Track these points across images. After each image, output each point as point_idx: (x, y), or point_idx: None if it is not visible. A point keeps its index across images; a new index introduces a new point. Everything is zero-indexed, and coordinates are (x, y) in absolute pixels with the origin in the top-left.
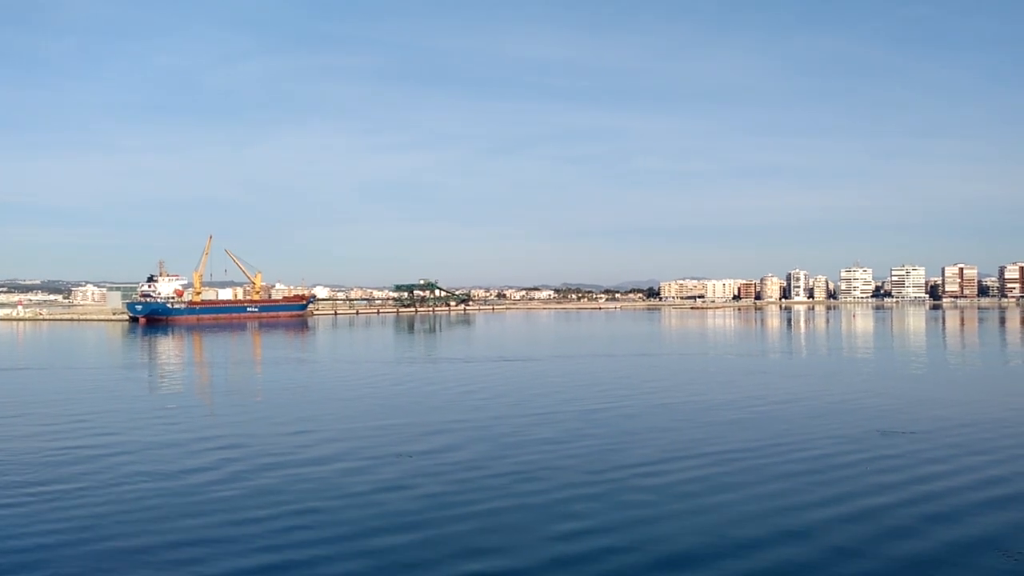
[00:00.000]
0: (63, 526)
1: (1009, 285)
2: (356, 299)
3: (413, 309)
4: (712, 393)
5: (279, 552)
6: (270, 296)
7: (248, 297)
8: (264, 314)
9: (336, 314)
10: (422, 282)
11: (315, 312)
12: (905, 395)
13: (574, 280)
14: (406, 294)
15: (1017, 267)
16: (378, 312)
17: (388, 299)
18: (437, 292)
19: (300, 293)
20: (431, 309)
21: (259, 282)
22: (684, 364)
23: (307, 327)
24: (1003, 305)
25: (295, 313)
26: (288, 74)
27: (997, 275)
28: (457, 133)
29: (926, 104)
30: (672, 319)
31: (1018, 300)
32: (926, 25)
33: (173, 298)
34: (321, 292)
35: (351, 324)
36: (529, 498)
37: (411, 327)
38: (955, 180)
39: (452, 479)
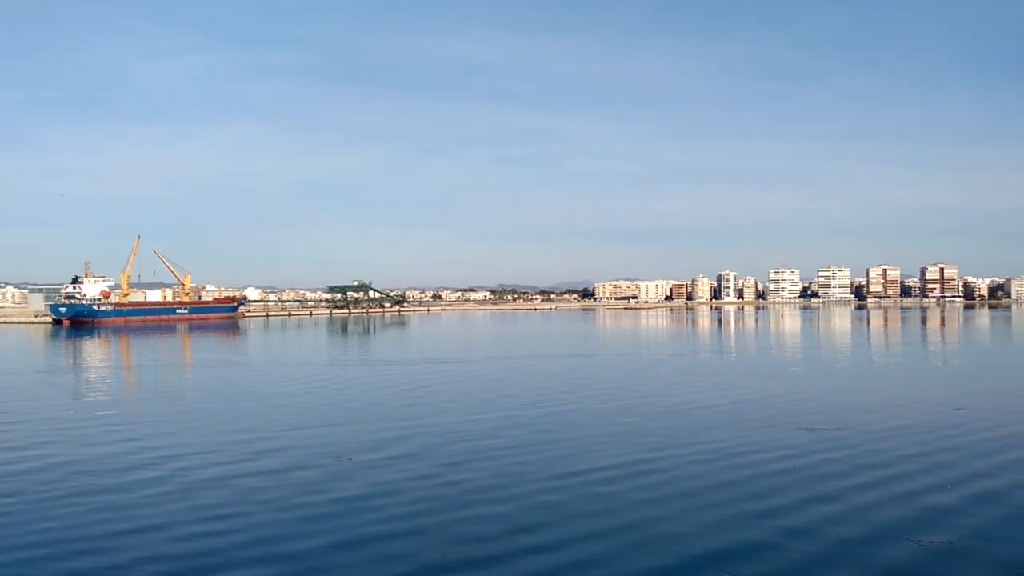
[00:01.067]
0: None
1: (930, 286)
2: (289, 301)
3: (347, 311)
4: (648, 394)
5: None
6: (200, 298)
7: (178, 299)
8: (194, 316)
9: (268, 316)
10: (356, 283)
11: (247, 314)
12: (828, 393)
13: (509, 281)
14: (340, 296)
15: (937, 268)
16: (311, 314)
17: (321, 301)
18: (371, 293)
19: (231, 295)
20: (365, 311)
21: (189, 283)
22: (619, 364)
23: (238, 329)
24: (924, 305)
25: (226, 315)
26: (219, 71)
27: (919, 276)
28: (391, 133)
29: (850, 109)
30: (607, 320)
31: (938, 300)
32: (849, 32)
33: (99, 300)
34: (253, 294)
35: (283, 326)
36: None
37: (345, 329)
38: (879, 184)
39: (384, 481)
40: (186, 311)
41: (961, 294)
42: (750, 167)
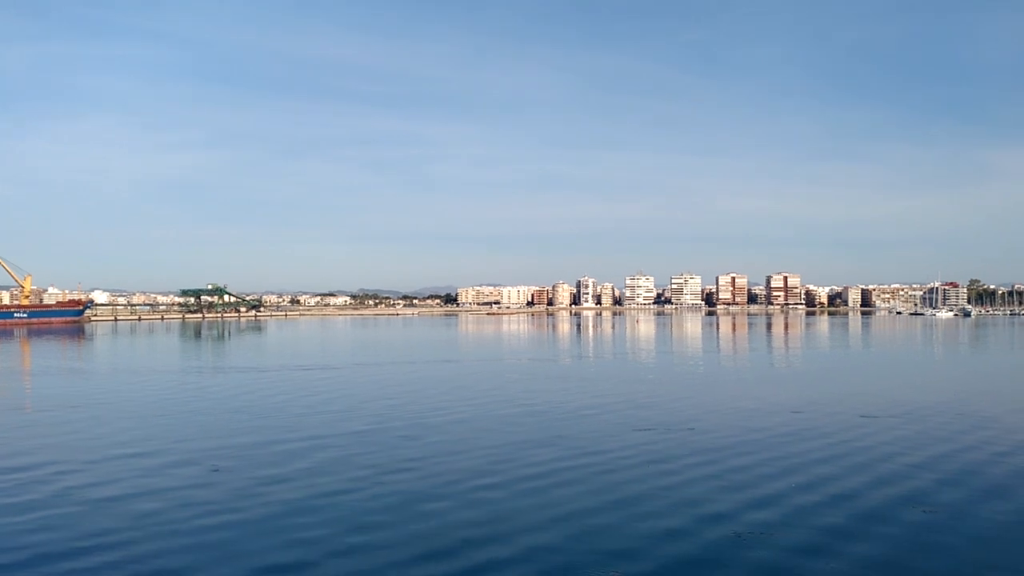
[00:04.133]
0: None
1: (775, 293)
2: (139, 304)
3: (200, 315)
4: (508, 398)
5: None
6: (42, 301)
7: (16, 302)
8: (35, 320)
9: (116, 320)
10: (210, 287)
11: (93, 318)
12: (681, 395)
13: (371, 286)
14: (193, 300)
15: (782, 277)
16: (162, 318)
17: (174, 305)
18: (226, 297)
19: (76, 298)
20: (220, 315)
21: (29, 286)
22: (483, 370)
23: (84, 334)
24: (769, 312)
25: (70, 319)
26: (63, 63)
27: (764, 284)
28: (249, 132)
29: (705, 122)
30: (469, 325)
31: (782, 307)
32: (705, 49)
33: None
34: (100, 297)
35: (133, 331)
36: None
37: (198, 334)
38: (729, 194)
39: (244, 493)
40: (25, 315)
41: (803, 301)
42: (611, 176)
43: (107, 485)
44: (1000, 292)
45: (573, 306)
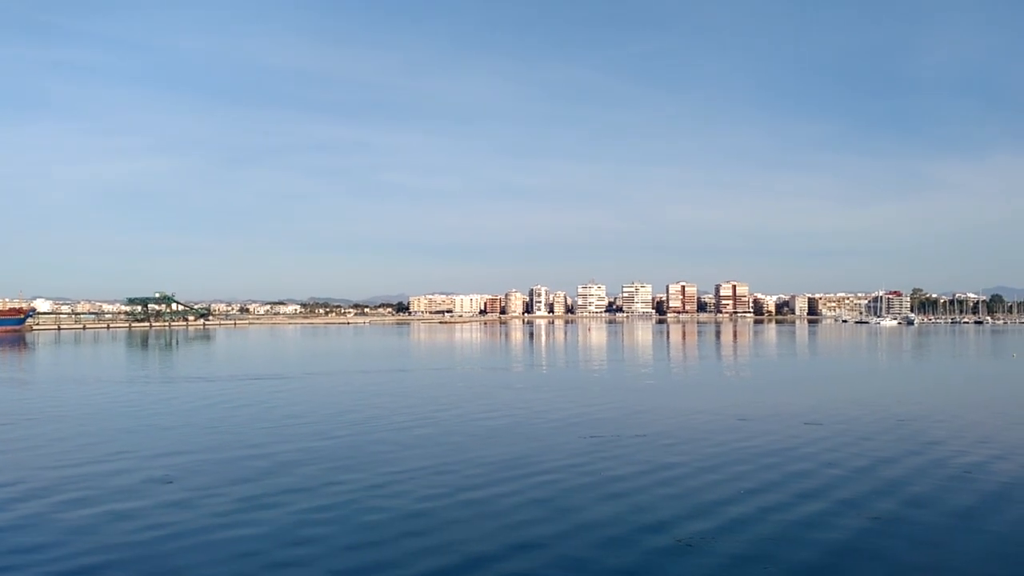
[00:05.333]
0: None
1: (724, 302)
2: (84, 313)
3: (148, 324)
4: (459, 407)
5: None
6: None
7: None
8: None
9: (60, 329)
10: (158, 295)
11: (35, 327)
12: (625, 404)
13: (322, 294)
14: (140, 308)
15: (730, 285)
16: (108, 327)
17: (120, 313)
18: (174, 306)
19: (17, 306)
20: (167, 324)
21: None
22: (435, 379)
23: (25, 343)
24: (719, 320)
25: (10, 328)
26: (6, 66)
27: (714, 293)
28: (197, 139)
29: (655, 132)
30: (422, 333)
31: (731, 315)
32: (656, 60)
33: None
34: (42, 305)
35: (77, 340)
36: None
37: (145, 343)
38: (679, 205)
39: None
40: None
41: (751, 310)
42: (563, 185)
43: (49, 497)
44: (942, 301)
45: (526, 315)
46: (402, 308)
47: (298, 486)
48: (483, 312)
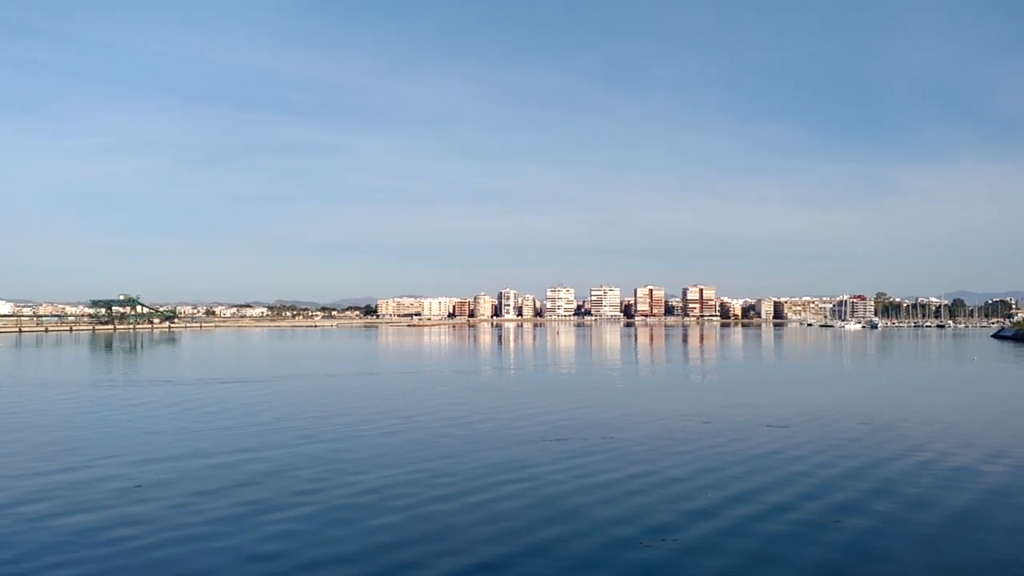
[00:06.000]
0: None
1: (691, 305)
2: (46, 316)
3: (112, 327)
4: (427, 409)
5: None
6: None
7: None
8: None
9: (21, 331)
10: (122, 298)
11: None
12: (591, 408)
13: (289, 297)
14: (104, 311)
15: (697, 289)
16: (71, 330)
17: (83, 316)
18: (139, 309)
19: None
20: (132, 327)
21: None
22: (403, 382)
23: None
24: (686, 323)
25: None
26: None
27: (681, 296)
28: (163, 140)
29: (622, 137)
30: (390, 337)
31: (698, 319)
32: (625, 64)
33: None
34: (3, 307)
35: (39, 343)
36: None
37: (109, 346)
38: (646, 209)
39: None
40: None
41: (718, 313)
42: (532, 189)
43: (10, 508)
44: (905, 305)
45: (495, 318)
46: (370, 311)
47: (264, 495)
48: (452, 315)
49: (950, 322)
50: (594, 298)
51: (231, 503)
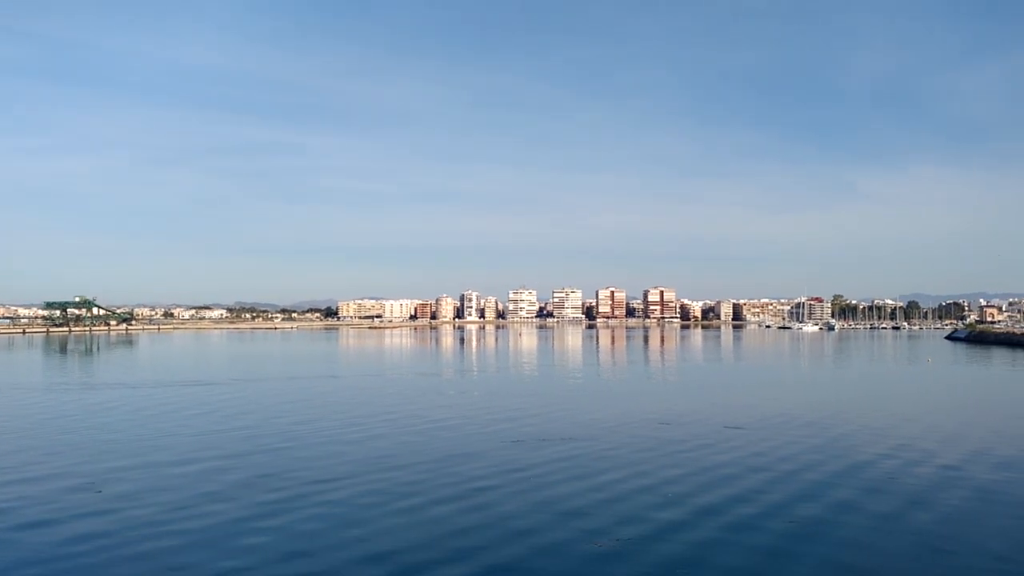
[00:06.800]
0: None
1: (652, 307)
2: None
3: (67, 329)
4: (388, 413)
5: None
6: None
7: None
8: None
9: None
10: (78, 299)
11: None
12: (551, 409)
13: (248, 299)
14: (59, 313)
15: (658, 291)
16: (24, 332)
17: (37, 318)
18: (95, 310)
19: None
20: (88, 329)
21: None
22: (365, 384)
23: None
24: (647, 325)
25: None
26: None
27: (642, 298)
28: (119, 139)
29: (583, 140)
30: (351, 339)
31: (659, 320)
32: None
33: None
34: None
35: None
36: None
37: (64, 349)
38: (609, 211)
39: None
40: None
41: (678, 315)
42: (495, 191)
43: None
44: (861, 307)
45: (457, 320)
46: (331, 313)
47: (229, 502)
48: (414, 317)
49: (905, 324)
50: (556, 300)
51: (199, 511)
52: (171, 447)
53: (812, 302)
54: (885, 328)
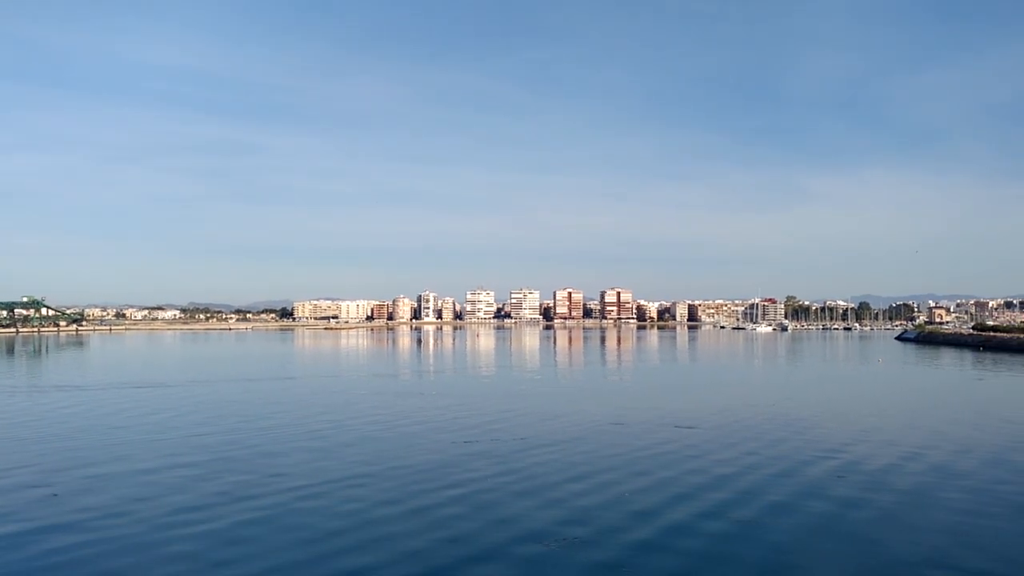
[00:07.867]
0: None
1: (608, 308)
2: None
3: (14, 330)
4: (341, 414)
5: None
6: None
7: None
8: None
9: None
10: (26, 300)
11: None
12: (505, 410)
13: (202, 299)
14: (5, 313)
15: (615, 292)
16: None
17: None
18: (44, 311)
19: None
20: (37, 330)
21: None
22: (320, 386)
23: None
24: (604, 326)
25: None
26: None
27: (599, 299)
28: (70, 138)
29: (544, 141)
30: (307, 340)
31: (615, 321)
32: (549, 68)
33: None
34: None
35: None
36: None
37: (11, 350)
38: (567, 212)
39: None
40: None
41: (635, 316)
42: (453, 191)
43: None
44: (814, 308)
45: (414, 320)
46: (286, 314)
47: (189, 503)
48: (370, 318)
49: (856, 325)
50: (514, 301)
51: (156, 512)
52: (130, 449)
53: (766, 303)
54: (837, 329)
